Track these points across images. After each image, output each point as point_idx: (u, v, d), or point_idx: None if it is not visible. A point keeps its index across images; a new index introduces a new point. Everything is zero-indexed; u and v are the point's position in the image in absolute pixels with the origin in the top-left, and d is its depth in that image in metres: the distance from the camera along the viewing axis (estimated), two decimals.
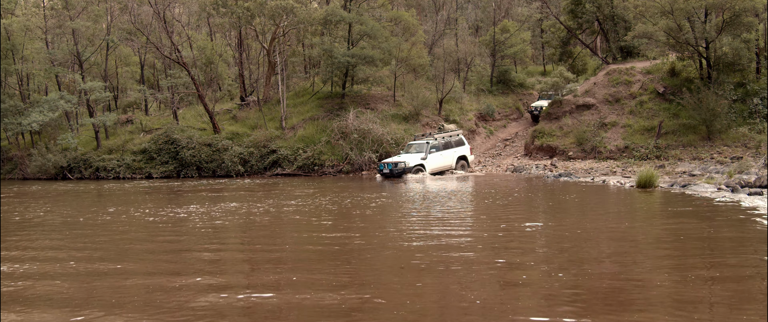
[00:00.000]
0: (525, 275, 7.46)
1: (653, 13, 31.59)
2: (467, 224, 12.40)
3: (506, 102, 42.68)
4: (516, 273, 7.61)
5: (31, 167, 39.17)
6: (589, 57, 43.59)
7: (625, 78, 33.11)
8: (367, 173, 32.19)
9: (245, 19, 38.38)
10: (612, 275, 7.31)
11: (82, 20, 40.35)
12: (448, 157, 29.60)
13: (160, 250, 9.62)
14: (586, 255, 8.73)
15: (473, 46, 44.16)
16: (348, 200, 17.51)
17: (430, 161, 28.73)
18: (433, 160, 28.90)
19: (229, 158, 34.66)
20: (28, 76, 46.02)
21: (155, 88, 49.89)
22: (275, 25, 38.82)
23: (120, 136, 40.48)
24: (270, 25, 39.76)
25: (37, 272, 8.38)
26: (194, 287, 7.04)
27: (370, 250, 9.39)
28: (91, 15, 41.76)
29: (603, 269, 7.66)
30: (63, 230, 12.23)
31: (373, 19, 38.03)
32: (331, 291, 6.49)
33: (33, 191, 26.59)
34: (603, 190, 18.92)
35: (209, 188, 25.37)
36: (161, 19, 37.81)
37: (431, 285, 7.12)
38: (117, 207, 17.14)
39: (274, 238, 10.29)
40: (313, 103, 39.51)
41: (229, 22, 41.27)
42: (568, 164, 29.27)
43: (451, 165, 29.69)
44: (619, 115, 31.54)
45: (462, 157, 30.16)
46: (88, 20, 41.02)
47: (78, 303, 6.53)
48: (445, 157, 29.46)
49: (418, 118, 36.18)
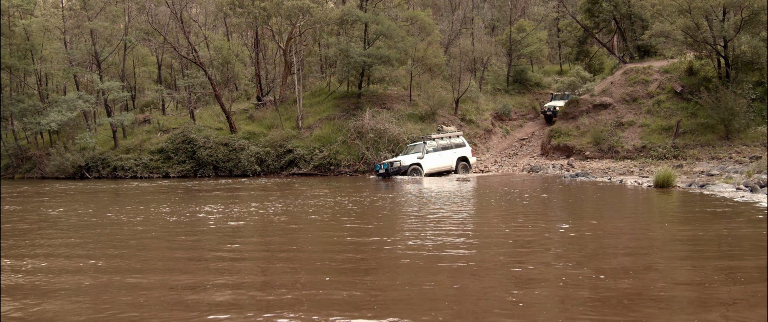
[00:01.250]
0: (541, 276, 7.44)
1: (671, 12, 31.42)
2: (478, 224, 12.38)
3: (523, 102, 42.57)
4: (532, 274, 7.59)
5: (50, 166, 39.48)
6: (606, 56, 43.39)
7: (642, 77, 32.94)
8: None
9: (262, 19, 38.50)
10: (630, 275, 7.28)
11: (100, 21, 40.63)
12: (447, 159, 29.44)
13: (176, 256, 9.61)
14: (604, 255, 8.70)
15: (489, 45, 44.09)
16: (367, 201, 17.52)
17: (426, 162, 28.66)
18: (430, 161, 28.82)
19: (245, 158, 34.79)
20: (47, 76, 46.40)
21: (172, 88, 50.21)
22: (291, 25, 38.92)
23: (137, 135, 40.73)
24: (286, 25, 39.88)
25: (55, 268, 8.44)
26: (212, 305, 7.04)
27: (393, 257, 9.38)
28: (108, 15, 42.05)
29: (621, 270, 7.63)
30: (80, 230, 12.28)
31: (389, 19, 38.07)
32: (351, 310, 6.43)
33: (51, 190, 26.76)
34: (620, 190, 18.82)
35: (226, 187, 25.44)
36: (178, 19, 38.00)
37: (466, 288, 7.12)
38: (134, 207, 17.21)
39: (291, 243, 10.25)
40: (329, 103, 39.57)
41: (245, 22, 41.44)
42: (584, 163, 29.15)
43: (451, 166, 29.51)
44: (636, 114, 31.38)
45: (462, 158, 29.93)
46: (105, 20, 41.30)
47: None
48: (444, 159, 29.32)
49: (434, 118, 36.16)
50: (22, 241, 11.18)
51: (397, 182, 25.76)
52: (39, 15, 44.08)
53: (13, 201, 20.84)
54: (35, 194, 24.26)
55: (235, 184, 27.71)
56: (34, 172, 41.24)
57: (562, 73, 46.18)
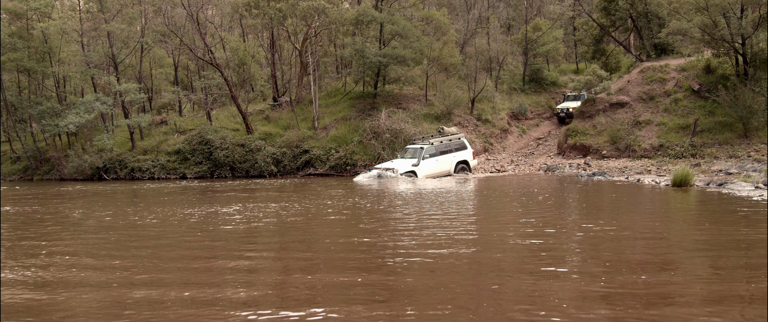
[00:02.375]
0: (558, 276, 7.42)
1: (688, 10, 31.22)
2: (495, 224, 12.37)
3: (539, 101, 42.42)
4: (550, 272, 7.58)
5: (68, 167, 39.73)
6: (623, 55, 43.18)
7: (659, 76, 32.75)
8: None
9: (277, 20, 38.59)
10: (648, 273, 7.25)
11: (117, 23, 40.82)
12: (445, 163, 28.65)
13: (193, 257, 9.65)
14: (622, 255, 8.67)
15: (505, 44, 43.94)
16: (384, 201, 17.53)
17: (422, 167, 27.84)
18: (426, 166, 27.99)
19: (262, 158, 34.88)
20: (65, 78, 46.74)
21: (189, 89, 50.34)
22: (307, 25, 38.99)
23: (154, 137, 40.92)
24: (302, 26, 39.94)
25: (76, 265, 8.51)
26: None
27: (413, 261, 9.39)
28: (125, 18, 42.25)
29: (638, 268, 7.60)
30: (99, 232, 12.37)
31: (405, 19, 38.03)
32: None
33: (69, 192, 26.96)
34: (638, 189, 18.74)
35: (243, 188, 25.54)
36: (194, 20, 38.16)
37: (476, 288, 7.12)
38: (153, 208, 17.30)
39: (308, 245, 10.25)
40: (345, 104, 39.59)
41: (261, 23, 41.57)
42: (601, 162, 29.04)
43: (449, 171, 28.70)
44: (653, 113, 31.21)
45: (462, 162, 29.17)
46: (122, 23, 41.50)
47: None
48: (442, 163, 28.51)
49: (451, 117, 36.10)
50: (41, 242, 11.28)
51: (408, 182, 25.67)
52: (56, 18, 44.36)
53: (33, 203, 21.01)
54: (54, 196, 24.46)
55: (252, 184, 27.81)
56: (53, 173, 41.51)
57: (578, 72, 45.99)
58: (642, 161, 27.87)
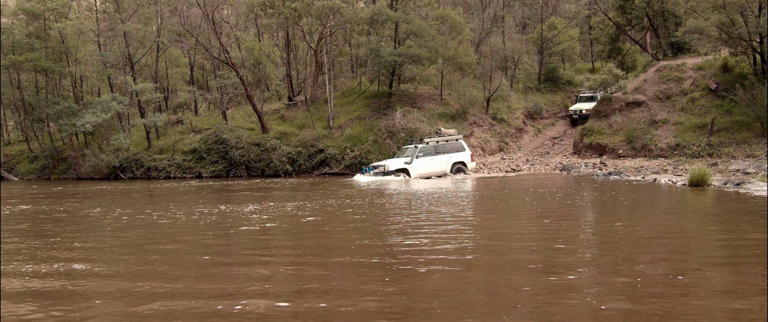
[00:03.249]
0: (574, 277, 7.39)
1: (705, 8, 31.02)
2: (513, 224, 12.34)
3: (554, 100, 42.29)
4: (564, 274, 7.54)
5: (85, 166, 40.00)
6: (639, 53, 42.94)
7: (675, 74, 32.55)
8: None
9: (292, 19, 38.66)
10: (665, 276, 7.21)
11: (133, 23, 41.05)
12: (440, 163, 28.46)
13: (209, 263, 9.65)
14: (638, 257, 8.62)
15: (520, 43, 43.87)
16: (402, 200, 17.53)
17: (415, 166, 27.82)
18: (419, 165, 27.96)
19: (277, 158, 34.96)
20: (82, 78, 47.02)
21: (204, 88, 50.57)
22: (322, 25, 39.05)
23: (170, 136, 41.11)
24: (317, 26, 40.01)
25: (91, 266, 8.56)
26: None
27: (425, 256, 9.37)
28: (141, 18, 42.48)
29: (655, 271, 7.56)
30: (117, 232, 12.42)
31: (420, 18, 38.03)
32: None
33: (86, 191, 27.11)
34: (654, 188, 18.64)
35: (258, 187, 25.60)
36: (210, 20, 38.29)
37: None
38: (170, 207, 17.36)
39: (324, 247, 10.22)
40: (360, 103, 39.63)
41: (276, 22, 41.66)
42: (617, 162, 28.90)
43: (445, 171, 28.48)
44: (669, 112, 31.03)
45: (459, 163, 28.89)
46: (138, 23, 41.72)
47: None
48: (436, 163, 28.35)
49: (466, 116, 36.04)
50: (59, 241, 11.34)
51: (400, 181, 25.63)
52: (74, 18, 44.66)
53: (52, 202, 21.15)
54: (70, 195, 24.60)
55: (268, 183, 27.88)
56: (70, 173, 41.81)
57: (594, 71, 45.79)
58: (658, 161, 27.72)
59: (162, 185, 30.34)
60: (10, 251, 10.28)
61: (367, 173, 28.57)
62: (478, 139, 35.09)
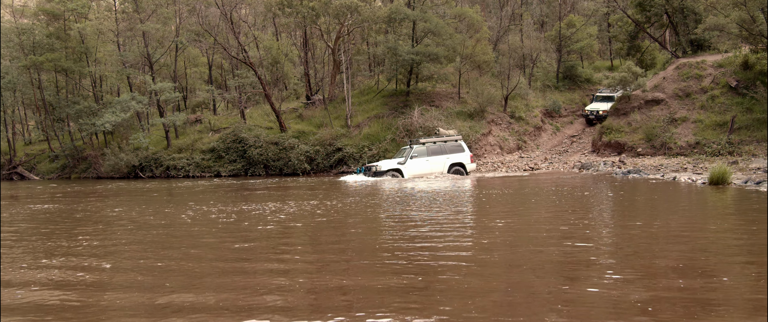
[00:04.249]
0: (593, 279, 7.36)
1: (725, 5, 30.76)
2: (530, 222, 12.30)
3: (573, 98, 42.09)
4: (582, 274, 7.52)
5: (105, 166, 40.29)
6: (658, 51, 42.63)
7: (695, 72, 32.31)
8: None
9: (310, 18, 38.73)
10: (685, 276, 7.17)
11: (152, 23, 41.28)
12: (436, 164, 27.97)
13: (229, 269, 9.67)
14: (657, 257, 8.58)
15: (538, 41, 43.68)
16: (421, 199, 17.52)
17: (409, 167, 27.50)
18: (414, 165, 27.59)
19: (295, 157, 35.05)
20: (101, 78, 47.34)
21: (223, 88, 50.78)
22: (340, 23, 39.09)
23: (189, 135, 41.32)
24: (335, 24, 40.07)
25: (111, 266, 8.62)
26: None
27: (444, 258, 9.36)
28: (160, 17, 42.71)
29: (675, 271, 7.52)
30: (137, 232, 12.49)
31: (437, 16, 37.98)
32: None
33: (106, 189, 27.29)
34: (673, 187, 18.53)
35: (277, 186, 25.67)
36: (228, 20, 38.44)
37: None
38: (190, 206, 17.44)
39: (344, 250, 10.20)
40: (377, 101, 39.64)
41: (294, 21, 41.75)
42: (636, 160, 28.74)
43: (441, 172, 27.97)
44: (689, 110, 30.81)
45: (457, 164, 28.27)
46: (157, 23, 41.95)
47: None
48: (432, 164, 27.90)
49: (484, 115, 35.94)
50: (82, 240, 11.43)
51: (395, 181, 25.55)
52: (93, 18, 44.98)
53: (72, 201, 21.31)
54: (91, 194, 24.77)
55: (286, 182, 27.96)
56: (90, 172, 42.12)
57: (612, 68, 45.53)
58: (678, 159, 27.54)
59: (181, 184, 30.49)
60: (28, 251, 10.37)
61: (360, 174, 28.57)
62: (496, 137, 35.01)
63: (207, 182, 31.56)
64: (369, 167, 28.15)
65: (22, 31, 43.28)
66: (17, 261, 9.31)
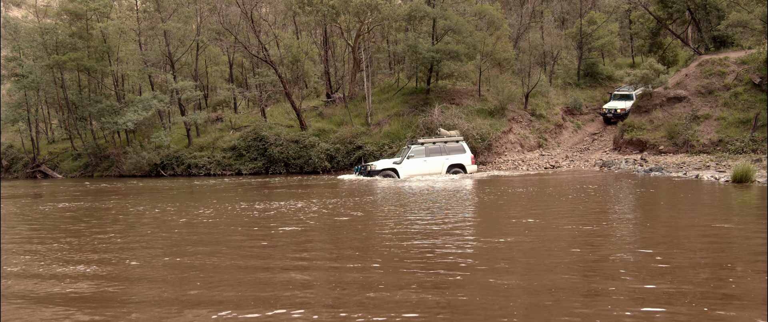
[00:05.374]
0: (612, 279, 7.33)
1: (748, 1, 30.48)
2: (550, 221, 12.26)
3: (594, 95, 41.85)
4: (602, 273, 7.49)
5: (127, 164, 40.57)
6: (680, 48, 42.31)
7: (718, 69, 32.02)
8: None
9: (330, 16, 38.78)
10: (706, 274, 7.13)
11: (173, 22, 41.49)
12: (434, 165, 27.75)
13: (248, 277, 9.69)
14: (679, 255, 8.53)
15: (559, 38, 43.45)
16: (440, 197, 17.51)
17: (405, 167, 27.34)
18: (410, 166, 27.43)
19: (315, 155, 35.12)
20: (123, 76, 47.64)
21: (244, 86, 50.95)
22: (360, 22, 39.09)
23: (210, 133, 41.50)
24: (355, 23, 40.06)
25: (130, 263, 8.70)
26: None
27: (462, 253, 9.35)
28: (181, 16, 42.91)
29: (697, 270, 7.48)
30: (157, 231, 12.57)
31: (458, 14, 37.87)
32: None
33: (129, 188, 27.49)
34: (696, 185, 18.40)
35: (298, 184, 25.75)
36: (249, 18, 38.57)
37: None
38: (212, 205, 17.52)
39: (365, 250, 10.19)
40: (398, 99, 39.62)
41: (314, 20, 41.83)
42: (658, 158, 28.56)
43: (439, 173, 27.70)
44: (712, 107, 30.54)
45: (457, 165, 28.00)
46: (178, 22, 42.15)
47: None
48: (430, 164, 27.69)
49: (504, 112, 35.82)
50: (108, 238, 11.53)
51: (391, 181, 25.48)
52: (115, 18, 45.28)
53: (96, 199, 21.49)
54: (113, 192, 24.96)
55: (307, 180, 28.03)
56: (112, 170, 42.43)
57: (634, 66, 45.24)
58: (700, 157, 27.34)
59: (202, 182, 30.65)
60: (54, 249, 10.48)
61: (356, 173, 28.57)
62: (516, 135, 34.91)
63: (228, 180, 31.70)
64: (364, 167, 28.09)
65: (45, 31, 43.65)
66: (46, 257, 9.44)
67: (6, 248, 10.57)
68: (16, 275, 8.32)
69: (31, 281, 7.85)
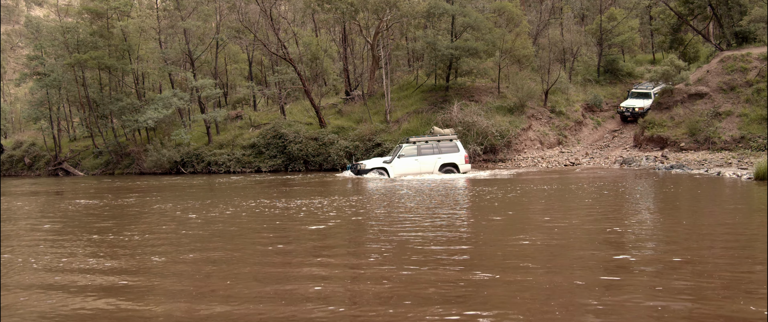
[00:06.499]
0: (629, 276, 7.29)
1: None
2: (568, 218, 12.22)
3: (614, 92, 41.57)
4: (621, 271, 7.46)
5: (147, 161, 40.84)
6: (702, 44, 41.95)
7: (740, 65, 31.73)
8: (472, 165, 32.15)
9: (349, 14, 38.82)
10: (728, 272, 7.08)
11: (193, 20, 41.70)
12: (426, 164, 27.36)
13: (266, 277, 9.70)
14: (701, 253, 8.47)
15: (579, 35, 43.22)
16: (459, 195, 17.49)
17: (396, 166, 27.06)
18: (401, 165, 27.15)
19: (335, 152, 35.18)
20: (144, 74, 47.95)
21: (263, 84, 51.13)
22: (379, 19, 39.11)
23: (230, 131, 41.68)
24: (373, 20, 40.09)
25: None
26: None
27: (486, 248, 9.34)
28: (201, 15, 43.13)
29: (718, 269, 7.43)
30: (179, 230, 12.63)
31: (477, 11, 37.78)
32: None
33: (150, 185, 27.66)
34: (718, 182, 18.26)
35: (318, 181, 25.80)
36: (268, 16, 38.68)
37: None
38: (234, 202, 17.59)
39: (384, 253, 10.17)
40: (416, 97, 39.61)
41: (333, 17, 41.92)
42: (679, 155, 28.37)
43: (431, 172, 27.34)
44: (734, 103, 30.28)
45: (449, 164, 27.54)
46: (198, 20, 42.37)
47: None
48: (421, 163, 27.32)
49: (523, 110, 35.71)
50: (130, 235, 11.62)
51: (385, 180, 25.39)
52: (135, 16, 45.58)
53: (117, 196, 21.66)
54: (135, 190, 25.13)
55: (326, 178, 28.09)
56: (133, 167, 42.73)
57: (654, 62, 44.93)
58: (722, 154, 27.13)
59: (222, 179, 30.78)
60: (77, 246, 10.57)
61: (348, 171, 28.54)
62: (536, 132, 34.79)
63: (248, 177, 31.84)
64: (355, 165, 28.01)
65: (67, 30, 44.06)
66: (73, 253, 9.54)
67: (32, 245, 10.70)
68: (44, 269, 8.43)
69: (53, 276, 7.94)
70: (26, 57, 50.38)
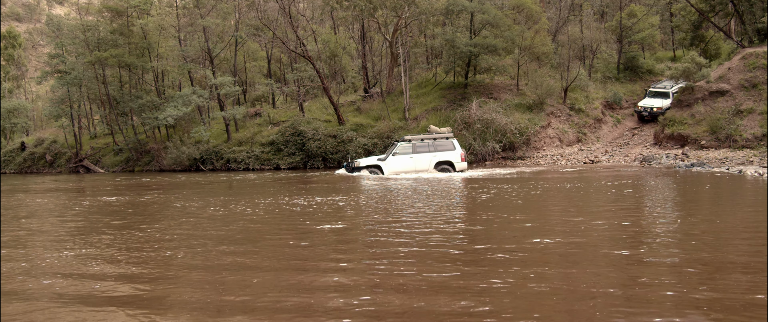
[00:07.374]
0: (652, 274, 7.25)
1: None
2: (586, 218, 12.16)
3: (634, 89, 41.30)
4: (642, 270, 7.42)
5: (167, 159, 41.08)
6: (723, 41, 41.56)
7: (762, 62, 31.43)
8: (490, 162, 32.10)
9: (368, 11, 38.83)
10: (747, 273, 7.02)
11: (212, 18, 41.88)
12: (421, 162, 27.11)
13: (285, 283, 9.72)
14: (721, 254, 8.41)
15: (599, 32, 42.98)
16: (476, 192, 17.46)
17: (390, 164, 26.89)
18: (395, 162, 26.96)
19: (353, 149, 35.20)
20: (163, 72, 48.25)
21: (282, 81, 51.27)
22: (397, 16, 39.10)
23: (249, 128, 41.83)
24: (392, 17, 40.09)
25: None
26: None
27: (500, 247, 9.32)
28: (220, 12, 43.30)
29: (738, 270, 7.37)
30: (204, 223, 12.69)
31: (496, 8, 37.67)
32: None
33: (171, 182, 27.82)
34: (739, 181, 18.11)
35: (336, 178, 25.83)
36: (287, 14, 38.77)
37: None
38: (254, 199, 17.65)
39: (401, 256, 10.14)
40: (435, 94, 39.56)
41: (352, 15, 41.92)
42: (700, 153, 28.17)
43: (426, 170, 27.09)
44: (756, 101, 30.00)
45: (445, 162, 27.26)
46: (217, 18, 42.54)
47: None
48: (416, 161, 27.09)
49: (542, 107, 35.57)
50: (152, 231, 11.69)
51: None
52: (155, 14, 45.84)
53: (138, 193, 21.80)
54: (155, 187, 25.28)
55: (343, 175, 28.14)
56: (153, 164, 43.01)
57: (675, 59, 44.59)
58: (744, 152, 26.91)
59: (241, 176, 30.90)
60: (103, 244, 10.64)
61: (343, 169, 28.52)
62: (555, 129, 34.67)
63: (267, 174, 31.94)
64: (349, 163, 27.97)
65: (87, 28, 44.38)
66: (99, 247, 9.62)
67: (51, 241, 10.79)
68: (57, 267, 8.50)
69: (72, 273, 8.00)
70: (47, 55, 50.82)
